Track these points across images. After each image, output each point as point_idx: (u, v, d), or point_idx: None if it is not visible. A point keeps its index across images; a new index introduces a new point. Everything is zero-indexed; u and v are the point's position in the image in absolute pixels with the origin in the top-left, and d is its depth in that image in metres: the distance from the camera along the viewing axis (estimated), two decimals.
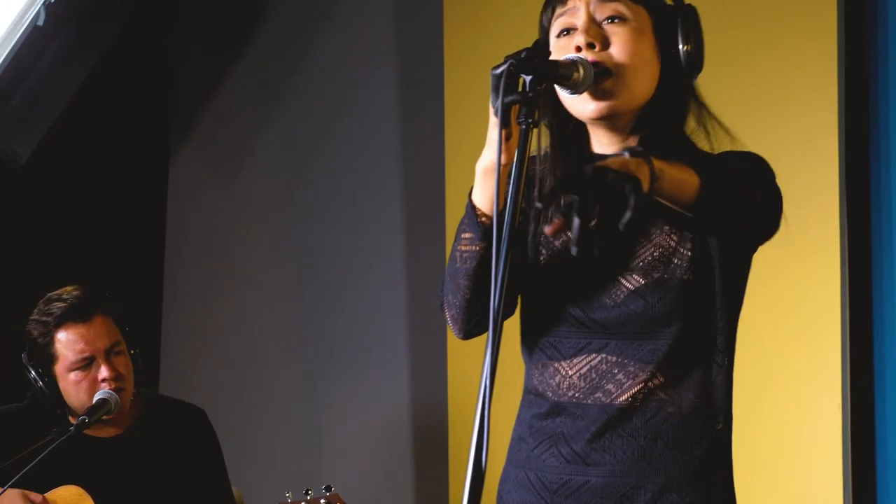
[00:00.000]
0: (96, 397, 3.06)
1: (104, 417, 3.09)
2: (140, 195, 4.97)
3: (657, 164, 1.83)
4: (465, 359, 4.25)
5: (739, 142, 2.13)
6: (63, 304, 3.09)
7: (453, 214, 4.30)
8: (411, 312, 4.70)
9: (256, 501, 3.26)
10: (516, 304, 2.18)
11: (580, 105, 2.06)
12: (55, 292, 3.16)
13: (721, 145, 2.13)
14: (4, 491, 2.90)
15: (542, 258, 2.13)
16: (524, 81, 1.82)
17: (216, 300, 5.05)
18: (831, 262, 3.55)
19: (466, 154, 4.26)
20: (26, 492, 3.01)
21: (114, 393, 3.06)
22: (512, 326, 2.13)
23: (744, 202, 1.98)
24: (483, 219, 2.02)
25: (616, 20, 2.05)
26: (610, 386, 2.07)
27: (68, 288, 3.16)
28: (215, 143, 5.08)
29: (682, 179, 1.89)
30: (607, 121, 2.08)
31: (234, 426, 3.39)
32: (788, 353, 3.60)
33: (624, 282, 2.06)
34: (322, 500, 3.06)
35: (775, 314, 3.56)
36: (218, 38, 5.05)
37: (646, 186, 1.77)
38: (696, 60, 2.09)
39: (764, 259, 2.16)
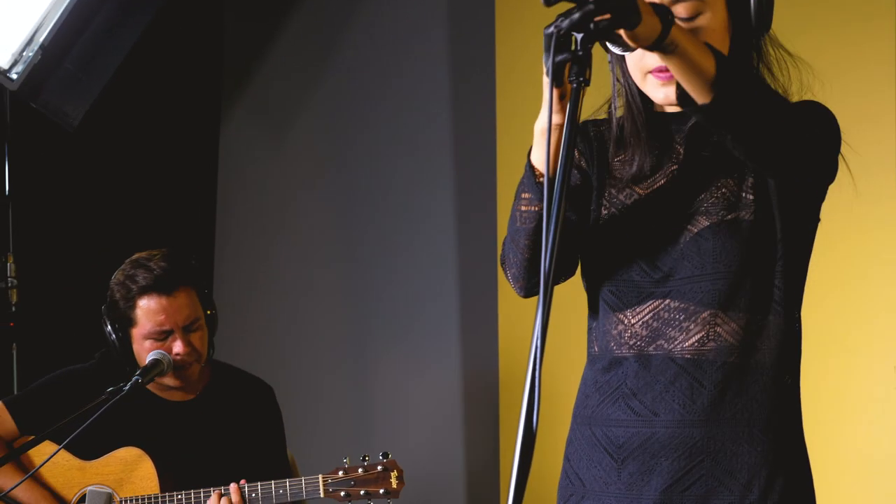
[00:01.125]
0: (149, 357, 3.07)
1: (171, 383, 3.12)
2: (192, 154, 4.98)
3: (677, 31, 1.82)
4: (517, 321, 4.25)
5: (817, 81, 2.13)
6: (149, 275, 3.09)
7: (505, 175, 4.32)
8: (462, 274, 4.69)
9: (307, 465, 3.27)
10: (575, 265, 2.18)
11: (651, 90, 2.07)
12: (143, 255, 3.15)
13: (797, 87, 2.12)
14: (59, 450, 2.92)
15: (604, 213, 2.13)
16: (576, 40, 1.78)
17: (267, 261, 5.06)
18: (892, 233, 3.56)
19: (518, 113, 4.28)
20: None
21: (167, 354, 3.07)
22: (565, 289, 2.11)
23: (767, 110, 1.93)
24: (541, 179, 2.02)
25: None
26: (673, 332, 2.06)
27: (156, 254, 3.15)
28: (266, 101, 5.08)
29: (699, 52, 1.86)
30: None
31: (283, 388, 3.40)
32: (849, 321, 3.61)
33: (688, 226, 2.07)
34: (379, 467, 3.05)
35: (838, 285, 3.58)
36: None
37: (652, 32, 1.78)
38: (766, 14, 2.07)
39: (828, 229, 2.16)
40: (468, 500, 4.69)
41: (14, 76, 3.80)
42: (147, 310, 3.09)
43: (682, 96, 1.92)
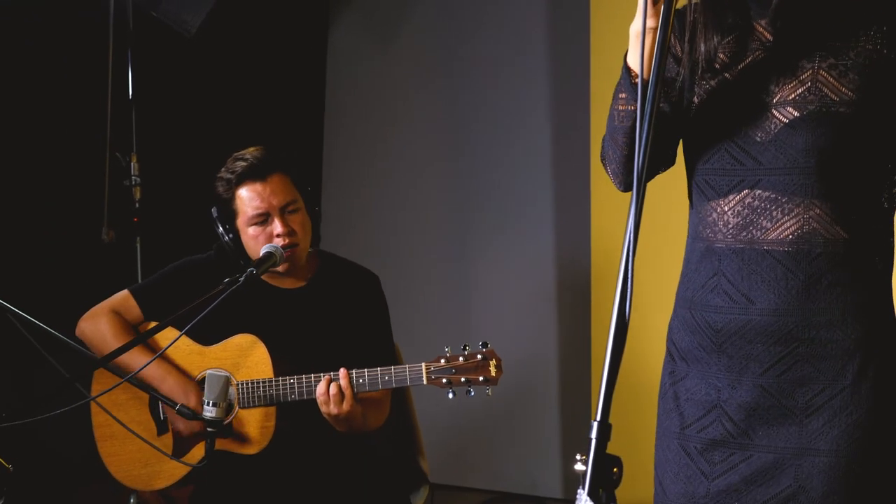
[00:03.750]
0: (263, 250, 3.14)
1: (280, 269, 3.22)
2: (301, 58, 5.02)
3: None
4: (609, 214, 4.25)
5: None
6: (244, 164, 3.19)
7: (598, 77, 4.29)
8: (556, 170, 4.72)
9: (412, 354, 3.34)
10: (673, 155, 2.19)
11: None
12: (240, 152, 3.28)
13: None
14: (180, 336, 3.04)
15: (696, 100, 2.13)
16: None
17: (373, 162, 5.12)
18: None
19: (612, 15, 4.23)
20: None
21: (279, 247, 3.17)
22: (658, 183, 2.16)
23: None
24: (636, 80, 2.02)
25: None
26: (764, 222, 2.06)
27: (251, 149, 3.27)
28: (374, 4, 5.10)
29: None
30: None
31: (389, 283, 3.45)
32: None
33: (778, 115, 2.04)
34: (479, 356, 3.08)
35: None
36: None
37: None
38: None
39: None
40: (561, 386, 4.75)
41: None
42: (245, 197, 3.19)
43: None
